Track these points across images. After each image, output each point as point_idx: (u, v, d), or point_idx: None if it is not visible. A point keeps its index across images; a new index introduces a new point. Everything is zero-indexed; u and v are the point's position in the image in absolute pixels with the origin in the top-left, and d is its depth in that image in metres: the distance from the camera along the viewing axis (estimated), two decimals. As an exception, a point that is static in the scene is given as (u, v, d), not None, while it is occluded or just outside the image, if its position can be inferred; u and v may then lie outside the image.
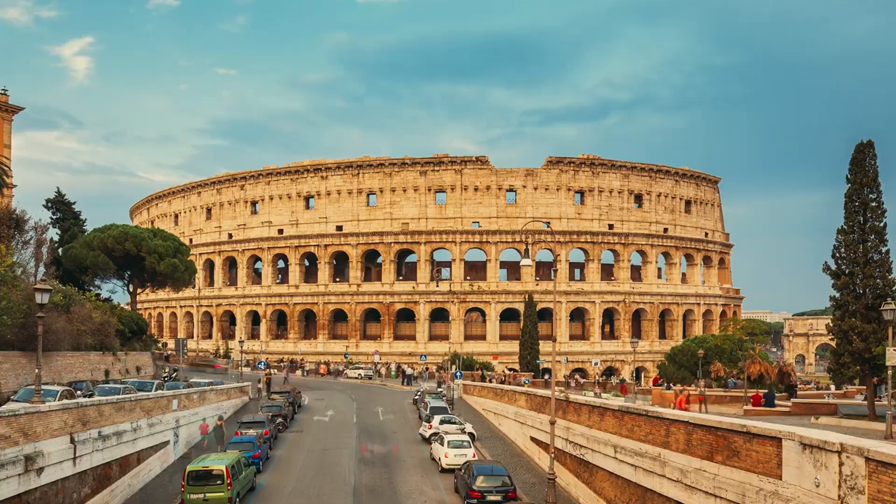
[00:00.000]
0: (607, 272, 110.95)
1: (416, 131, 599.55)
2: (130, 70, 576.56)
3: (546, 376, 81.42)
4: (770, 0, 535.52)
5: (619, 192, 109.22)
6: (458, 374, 75.14)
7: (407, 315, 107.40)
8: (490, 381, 73.56)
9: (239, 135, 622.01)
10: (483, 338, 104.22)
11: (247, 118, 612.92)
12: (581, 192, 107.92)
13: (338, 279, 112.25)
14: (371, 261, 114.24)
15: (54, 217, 73.42)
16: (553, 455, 30.22)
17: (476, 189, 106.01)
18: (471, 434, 42.68)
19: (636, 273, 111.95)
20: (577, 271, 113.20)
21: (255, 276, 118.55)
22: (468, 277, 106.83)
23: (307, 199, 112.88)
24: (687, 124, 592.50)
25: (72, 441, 25.16)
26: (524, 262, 34.93)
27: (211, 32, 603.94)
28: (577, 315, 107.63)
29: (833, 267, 44.23)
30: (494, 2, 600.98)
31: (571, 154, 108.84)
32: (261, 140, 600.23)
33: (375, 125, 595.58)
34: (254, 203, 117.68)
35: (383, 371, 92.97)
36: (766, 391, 55.50)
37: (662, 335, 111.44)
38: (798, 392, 64.36)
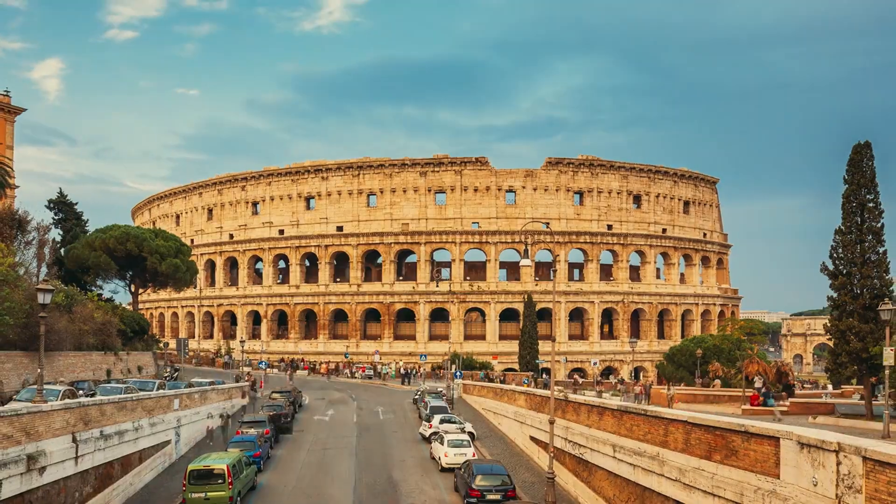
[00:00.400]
0: (606, 272, 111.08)
1: (378, 150, 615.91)
2: (98, 91, 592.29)
3: (544, 376, 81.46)
4: (680, 28, 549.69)
5: (618, 193, 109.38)
6: (458, 373, 75.24)
7: (407, 315, 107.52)
8: (494, 381, 73.67)
9: (211, 149, 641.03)
10: (483, 338, 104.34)
11: (215, 134, 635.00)
12: (580, 193, 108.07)
13: (338, 279, 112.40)
14: (371, 261, 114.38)
15: (56, 218, 73.43)
16: (552, 454, 30.36)
17: (476, 190, 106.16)
18: (470, 433, 42.84)
19: (635, 273, 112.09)
20: (576, 271, 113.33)
21: (256, 277, 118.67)
22: (468, 277, 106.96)
23: (308, 199, 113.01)
24: (632, 139, 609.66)
25: (74, 440, 25.27)
26: (524, 262, 35.15)
27: (168, 56, 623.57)
28: (576, 315, 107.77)
29: (831, 267, 44.32)
30: (421, 34, 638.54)
31: (570, 156, 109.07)
32: (234, 153, 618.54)
33: (336, 141, 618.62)
34: (255, 204, 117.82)
35: (385, 370, 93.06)
36: (764, 391, 55.64)
37: (661, 335, 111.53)
38: (796, 391, 64.58)
